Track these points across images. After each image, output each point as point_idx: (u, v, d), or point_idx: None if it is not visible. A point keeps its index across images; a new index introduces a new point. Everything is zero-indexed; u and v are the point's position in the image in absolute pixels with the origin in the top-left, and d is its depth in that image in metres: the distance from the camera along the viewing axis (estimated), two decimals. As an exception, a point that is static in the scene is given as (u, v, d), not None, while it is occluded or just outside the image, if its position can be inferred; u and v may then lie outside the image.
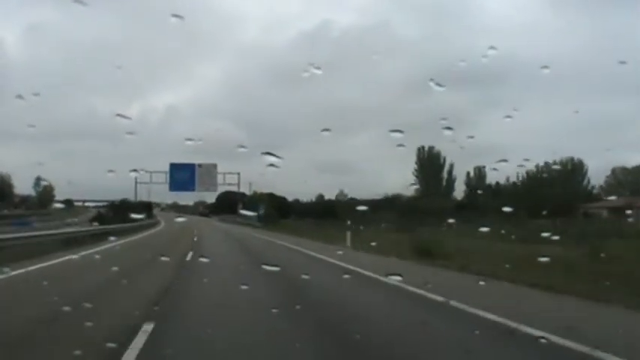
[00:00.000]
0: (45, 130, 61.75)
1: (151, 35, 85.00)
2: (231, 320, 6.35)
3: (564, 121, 68.97)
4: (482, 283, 9.30)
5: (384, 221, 33.71)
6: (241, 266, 13.31)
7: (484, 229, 11.99)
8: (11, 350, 4.88)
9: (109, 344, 4.69)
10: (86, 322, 5.39)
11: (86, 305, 6.34)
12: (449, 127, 5.00)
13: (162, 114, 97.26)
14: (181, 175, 47.86)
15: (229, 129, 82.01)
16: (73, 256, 13.81)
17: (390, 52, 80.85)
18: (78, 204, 59.53)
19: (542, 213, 24.38)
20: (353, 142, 76.30)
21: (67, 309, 6.02)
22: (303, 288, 9.30)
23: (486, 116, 62.10)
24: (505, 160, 6.19)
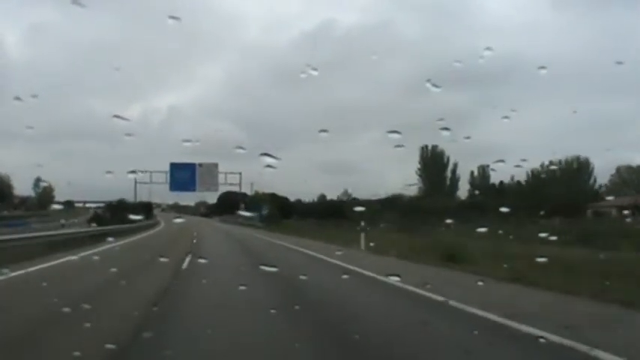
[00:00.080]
0: (45, 131, 62.13)
1: (151, 36, 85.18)
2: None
3: (564, 121, 68.99)
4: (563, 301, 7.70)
5: (389, 222, 33.51)
6: (258, 278, 10.25)
7: (482, 229, 11.56)
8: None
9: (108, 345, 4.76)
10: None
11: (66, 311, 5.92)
12: (446, 128, 5.08)
13: (162, 115, 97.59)
14: (182, 175, 47.64)
15: (230, 129, 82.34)
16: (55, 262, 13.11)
17: (392, 52, 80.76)
18: (79, 205, 59.70)
19: (540, 213, 23.57)
20: (354, 142, 76.45)
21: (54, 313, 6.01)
22: (345, 307, 7.38)
23: (487, 116, 62.04)
24: (502, 161, 6.25)
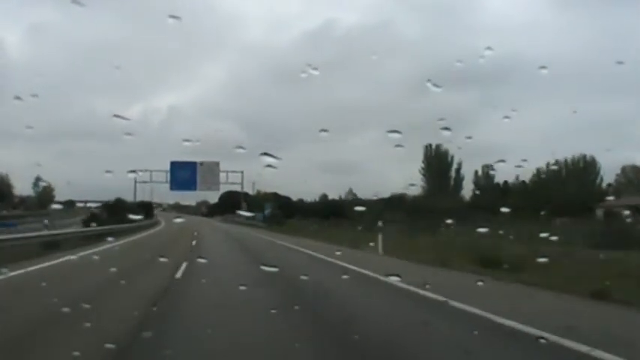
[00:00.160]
0: (46, 131, 62.34)
1: (152, 36, 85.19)
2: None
3: (565, 121, 68.77)
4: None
5: (393, 221, 33.33)
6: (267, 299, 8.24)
7: (482, 229, 11.25)
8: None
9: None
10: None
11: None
12: (447, 128, 5.11)
13: (163, 114, 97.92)
14: (182, 174, 47.48)
15: (231, 129, 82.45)
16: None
17: (393, 52, 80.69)
18: (80, 205, 59.93)
19: (541, 213, 22.63)
20: (356, 141, 76.44)
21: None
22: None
23: (489, 116, 61.97)
24: (503, 161, 6.28)
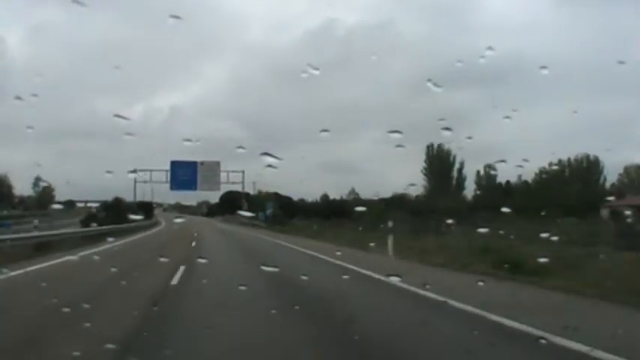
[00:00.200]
0: (46, 131, 62.31)
1: (154, 35, 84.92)
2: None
3: (566, 121, 68.81)
4: None
5: (396, 221, 33.06)
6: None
7: (482, 229, 11.07)
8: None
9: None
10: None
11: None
12: (448, 128, 5.14)
13: (164, 114, 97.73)
14: (182, 173, 47.31)
15: (232, 129, 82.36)
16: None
17: (395, 52, 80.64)
18: (80, 205, 60.08)
19: (541, 213, 22.31)
20: (358, 141, 76.54)
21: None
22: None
23: (491, 116, 61.88)
24: (503, 161, 6.29)
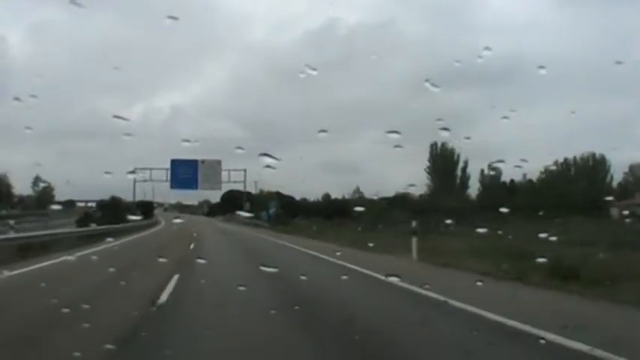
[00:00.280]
0: (46, 131, 62.47)
1: (154, 36, 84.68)
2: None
3: (567, 121, 68.93)
4: None
5: (399, 221, 32.92)
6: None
7: (481, 229, 10.93)
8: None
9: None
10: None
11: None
12: (445, 128, 5.19)
13: (164, 114, 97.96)
14: (183, 172, 47.18)
15: (233, 129, 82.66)
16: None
17: (396, 52, 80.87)
18: (80, 204, 60.31)
19: (539, 213, 21.95)
20: (359, 141, 76.49)
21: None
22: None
23: (495, 115, 61.86)
24: (502, 161, 6.33)
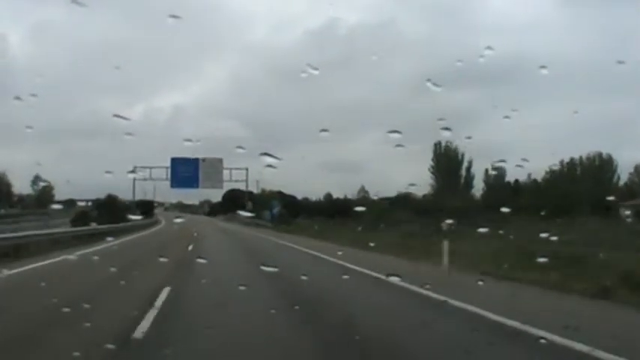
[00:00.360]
0: (47, 130, 62.66)
1: (155, 35, 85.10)
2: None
3: (567, 121, 68.72)
4: None
5: (403, 222, 32.76)
6: None
7: (482, 229, 10.85)
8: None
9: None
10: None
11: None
12: (447, 128, 5.24)
13: (166, 114, 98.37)
14: (183, 171, 47.00)
15: (234, 129, 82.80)
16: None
17: (398, 51, 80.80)
18: (82, 204, 60.54)
19: (541, 213, 21.56)
20: (360, 141, 76.58)
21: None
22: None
23: (493, 116, 61.89)
24: (504, 161, 6.36)
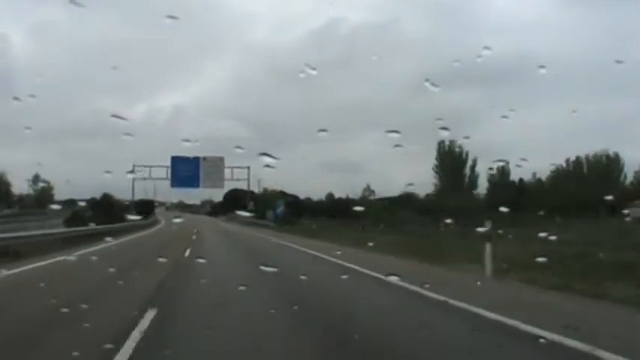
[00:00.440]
0: (48, 130, 62.96)
1: (155, 36, 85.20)
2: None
3: (566, 121, 68.63)
4: None
5: (404, 221, 32.73)
6: None
7: (481, 229, 10.82)
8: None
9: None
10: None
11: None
12: (445, 128, 5.27)
13: (166, 114, 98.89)
14: (184, 170, 46.71)
15: (234, 129, 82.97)
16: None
17: (399, 51, 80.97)
18: (82, 203, 60.77)
19: (539, 213, 21.16)
20: (360, 140, 76.64)
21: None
22: None
23: (492, 115, 61.97)
24: (504, 161, 6.38)
